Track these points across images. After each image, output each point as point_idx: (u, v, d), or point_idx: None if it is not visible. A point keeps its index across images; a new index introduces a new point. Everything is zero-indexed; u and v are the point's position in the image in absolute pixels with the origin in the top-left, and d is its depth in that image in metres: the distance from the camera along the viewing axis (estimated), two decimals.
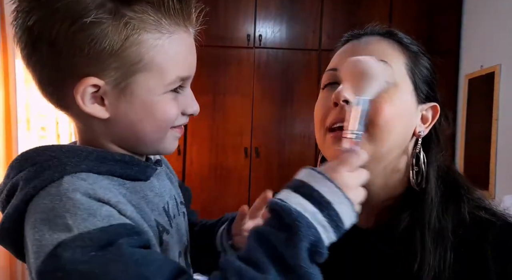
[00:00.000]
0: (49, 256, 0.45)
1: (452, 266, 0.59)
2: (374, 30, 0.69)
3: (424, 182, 0.64)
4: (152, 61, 0.52)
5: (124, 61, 0.51)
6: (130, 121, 0.55)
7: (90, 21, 0.48)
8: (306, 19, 3.04)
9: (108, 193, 0.50)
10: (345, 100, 0.59)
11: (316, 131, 0.67)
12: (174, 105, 0.56)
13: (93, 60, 0.50)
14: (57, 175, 0.50)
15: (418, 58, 0.66)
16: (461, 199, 0.63)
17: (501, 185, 2.46)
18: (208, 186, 3.06)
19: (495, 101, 2.52)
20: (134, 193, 0.56)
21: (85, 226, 0.46)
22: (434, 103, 0.67)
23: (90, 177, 0.51)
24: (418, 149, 0.66)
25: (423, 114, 0.66)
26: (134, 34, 0.50)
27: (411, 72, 0.64)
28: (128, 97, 0.53)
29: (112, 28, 0.49)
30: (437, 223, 0.61)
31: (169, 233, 0.60)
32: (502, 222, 0.62)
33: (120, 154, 0.57)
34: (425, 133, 0.66)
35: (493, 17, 2.63)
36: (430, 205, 0.62)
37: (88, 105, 0.53)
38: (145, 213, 0.55)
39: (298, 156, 2.98)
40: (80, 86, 0.51)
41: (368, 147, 0.61)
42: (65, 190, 0.49)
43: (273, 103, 3.04)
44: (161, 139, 0.58)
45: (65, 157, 0.52)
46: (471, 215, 0.62)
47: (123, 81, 0.52)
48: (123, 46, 0.50)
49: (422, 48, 0.69)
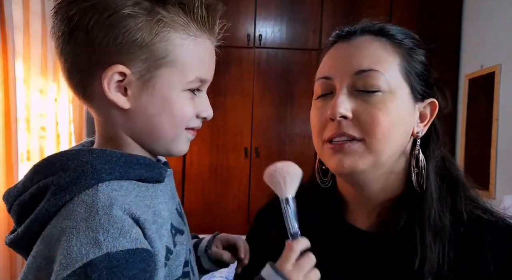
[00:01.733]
0: (78, 273, 0.46)
1: (451, 262, 0.59)
2: (365, 28, 0.66)
3: (425, 182, 0.63)
4: (177, 58, 0.56)
5: (152, 54, 0.55)
6: (149, 114, 0.57)
7: (127, 13, 0.52)
8: (306, 19, 3.04)
9: (138, 208, 0.52)
10: (343, 116, 0.60)
11: (314, 140, 0.68)
12: (191, 104, 0.59)
13: (124, 49, 0.54)
14: (93, 182, 0.52)
15: (412, 54, 0.64)
16: (458, 195, 0.63)
17: (501, 185, 2.46)
18: (208, 186, 3.06)
19: (495, 101, 2.52)
20: (156, 199, 0.58)
21: (114, 246, 0.48)
22: (432, 99, 0.65)
23: (122, 188, 0.53)
24: (417, 150, 0.65)
25: (421, 112, 0.65)
26: (164, 31, 0.55)
27: (406, 73, 0.63)
28: (150, 90, 0.56)
29: (145, 23, 0.53)
30: (437, 220, 0.61)
31: (183, 233, 0.62)
32: (501, 223, 0.62)
33: (144, 157, 0.58)
34: (424, 132, 0.65)
35: (493, 17, 2.63)
36: (430, 203, 0.62)
37: (113, 92, 0.55)
38: (166, 220, 0.57)
39: (298, 156, 2.97)
40: (109, 71, 0.54)
41: (368, 157, 0.60)
42: (102, 202, 0.50)
43: (273, 103, 3.04)
44: (176, 138, 0.60)
45: (98, 164, 0.53)
46: (469, 213, 0.62)
47: (148, 73, 0.55)
48: (153, 40, 0.54)
49: (417, 39, 0.66)
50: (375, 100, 0.60)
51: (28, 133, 2.06)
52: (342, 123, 0.60)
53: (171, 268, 0.57)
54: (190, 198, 3.02)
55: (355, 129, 0.60)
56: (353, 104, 0.61)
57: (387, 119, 0.60)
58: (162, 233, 0.55)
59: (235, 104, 3.04)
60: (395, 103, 0.61)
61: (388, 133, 0.60)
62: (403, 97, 0.62)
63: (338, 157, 0.61)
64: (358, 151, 0.60)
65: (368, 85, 0.60)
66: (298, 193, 0.61)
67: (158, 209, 0.57)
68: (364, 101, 0.60)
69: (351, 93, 0.62)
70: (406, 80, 0.63)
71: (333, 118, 0.60)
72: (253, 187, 3.08)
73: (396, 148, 0.62)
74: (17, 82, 1.88)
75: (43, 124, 2.20)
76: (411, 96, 0.63)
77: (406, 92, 0.63)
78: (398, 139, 0.62)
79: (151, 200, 0.56)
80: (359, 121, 0.60)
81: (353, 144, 0.60)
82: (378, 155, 0.61)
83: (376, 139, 0.60)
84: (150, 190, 0.58)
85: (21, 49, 1.99)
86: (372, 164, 0.61)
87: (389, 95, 0.61)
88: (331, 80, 0.64)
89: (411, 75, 0.63)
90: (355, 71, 0.61)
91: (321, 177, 0.73)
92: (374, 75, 0.61)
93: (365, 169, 0.61)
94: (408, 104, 0.63)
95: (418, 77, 0.64)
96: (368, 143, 0.60)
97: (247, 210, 3.08)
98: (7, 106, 1.79)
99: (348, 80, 0.62)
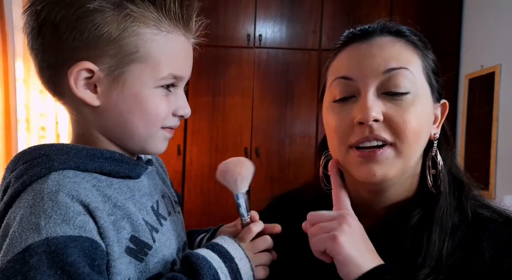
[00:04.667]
0: (16, 258, 0.45)
1: (449, 255, 0.59)
2: (384, 28, 0.64)
3: (442, 183, 0.63)
4: (148, 54, 0.55)
5: (120, 49, 0.54)
6: (120, 111, 0.56)
7: (93, 7, 0.51)
8: (306, 19, 3.04)
9: (90, 196, 0.51)
10: (375, 119, 0.58)
11: (335, 146, 0.64)
12: (165, 102, 0.58)
13: (91, 45, 0.53)
14: (44, 171, 0.51)
15: (426, 54, 0.63)
16: (464, 195, 0.63)
17: (501, 185, 2.46)
18: (208, 186, 3.05)
19: (495, 101, 2.52)
20: (120, 194, 0.56)
21: (54, 231, 0.47)
22: (444, 100, 0.65)
23: (77, 176, 0.53)
24: (434, 152, 0.64)
25: (434, 113, 0.64)
26: (133, 26, 0.53)
27: (426, 73, 0.62)
28: (120, 87, 0.55)
29: (113, 17, 0.52)
30: (447, 219, 0.61)
31: (159, 231, 0.60)
32: (504, 219, 0.62)
33: (110, 151, 0.57)
34: (438, 134, 0.65)
35: (493, 17, 2.63)
36: (444, 203, 0.61)
37: (81, 89, 0.55)
38: (131, 213, 0.55)
39: (298, 156, 2.97)
40: (75, 68, 0.53)
41: (398, 163, 0.59)
42: (49, 188, 0.50)
43: (273, 103, 3.04)
44: (150, 137, 0.59)
45: (54, 155, 0.53)
46: (473, 213, 0.62)
47: (117, 69, 0.54)
48: (121, 35, 0.53)
49: (426, 40, 0.65)
50: (405, 103, 0.58)
51: (28, 133, 2.06)
52: (373, 126, 0.58)
53: (148, 264, 0.56)
54: (190, 198, 3.02)
55: (386, 132, 0.58)
56: (383, 107, 0.59)
57: (418, 122, 0.59)
58: (121, 225, 0.54)
59: (235, 104, 3.03)
60: (422, 106, 0.60)
61: (417, 137, 0.59)
62: (427, 99, 0.61)
63: (369, 166, 0.59)
64: (389, 158, 0.59)
65: (398, 84, 0.58)
66: (296, 195, 0.61)
67: (121, 202, 0.55)
68: (394, 104, 0.59)
69: (378, 95, 0.59)
70: (427, 80, 0.62)
71: (365, 122, 0.58)
72: (253, 187, 3.07)
73: (420, 152, 0.62)
74: (17, 82, 1.88)
75: (43, 124, 2.20)
76: (432, 98, 0.62)
77: (429, 93, 0.62)
78: (423, 142, 0.62)
79: (113, 193, 0.55)
80: (390, 124, 0.58)
81: (385, 151, 0.59)
82: (407, 160, 0.60)
83: (407, 143, 0.58)
84: (115, 185, 0.57)
85: (21, 49, 1.98)
86: (401, 170, 0.60)
87: (417, 98, 0.59)
88: (352, 81, 0.61)
89: (432, 75, 0.63)
90: (384, 69, 0.59)
91: (325, 183, 0.71)
92: (404, 73, 0.59)
93: (395, 176, 0.60)
94: (430, 106, 0.62)
95: (436, 77, 0.63)
96: (399, 148, 0.59)
97: None
98: (7, 106, 1.79)
99: (376, 81, 0.59)
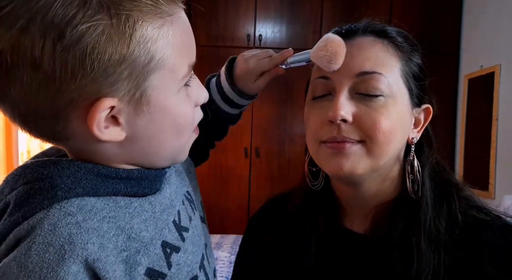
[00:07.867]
0: None
1: (448, 268, 0.58)
2: (367, 28, 0.64)
3: (420, 189, 0.62)
4: (163, 57, 0.44)
5: (134, 64, 0.42)
6: (150, 134, 0.47)
7: (84, 29, 0.38)
8: (306, 19, 3.04)
9: (101, 241, 0.43)
10: (343, 119, 0.58)
11: (309, 141, 0.65)
12: (189, 102, 0.51)
13: (99, 76, 0.40)
14: (46, 202, 0.43)
15: (410, 57, 0.63)
16: (452, 198, 0.62)
17: (501, 185, 2.47)
18: (208, 186, 3.06)
19: (495, 101, 2.52)
20: (139, 214, 0.49)
21: None
22: (427, 105, 0.65)
23: (82, 209, 0.44)
24: (411, 156, 0.64)
25: (415, 117, 0.64)
26: (137, 29, 0.41)
27: (406, 78, 0.62)
28: (145, 107, 0.45)
29: (111, 29, 0.39)
30: (432, 226, 0.60)
31: (180, 250, 0.53)
32: (497, 222, 0.61)
33: (126, 170, 0.49)
34: (418, 138, 0.65)
35: (493, 17, 2.63)
36: (426, 210, 0.61)
37: (104, 131, 0.44)
38: (147, 243, 0.48)
39: (298, 156, 2.97)
40: (95, 113, 0.42)
41: (367, 161, 0.60)
42: (43, 236, 0.41)
43: (273, 103, 3.04)
44: (182, 146, 0.53)
45: (58, 177, 0.44)
46: (463, 214, 0.61)
47: (137, 90, 0.44)
48: (129, 48, 0.41)
49: (415, 43, 0.65)
50: (377, 104, 0.59)
51: None
52: (341, 126, 0.59)
53: None
54: None
55: (355, 133, 0.59)
56: (354, 108, 0.59)
57: (389, 123, 0.59)
58: (136, 260, 0.46)
59: None
60: (396, 108, 0.60)
61: (388, 138, 0.59)
62: (403, 102, 0.61)
63: (337, 159, 0.60)
64: (357, 153, 0.59)
65: (371, 88, 0.59)
66: (288, 197, 0.60)
67: (137, 231, 0.47)
68: (366, 105, 0.59)
69: (352, 95, 0.60)
70: (406, 84, 0.62)
71: (334, 120, 0.59)
72: (253, 187, 3.08)
73: (393, 153, 0.62)
74: None
75: None
76: (410, 101, 0.62)
77: (406, 97, 0.62)
78: (396, 144, 0.61)
79: (128, 221, 0.47)
80: (359, 125, 0.59)
81: (353, 145, 0.59)
82: (377, 159, 0.60)
83: (377, 143, 0.59)
84: (134, 203, 0.49)
85: None
86: (370, 168, 0.60)
87: (391, 100, 0.59)
88: (330, 80, 0.62)
89: (411, 79, 0.62)
90: (357, 72, 0.60)
91: (311, 180, 0.71)
92: (377, 78, 0.59)
93: (364, 173, 0.60)
94: (407, 109, 0.62)
95: (416, 82, 0.63)
96: (369, 146, 0.59)
97: (247, 210, 3.08)
98: None
99: (350, 82, 0.60)
